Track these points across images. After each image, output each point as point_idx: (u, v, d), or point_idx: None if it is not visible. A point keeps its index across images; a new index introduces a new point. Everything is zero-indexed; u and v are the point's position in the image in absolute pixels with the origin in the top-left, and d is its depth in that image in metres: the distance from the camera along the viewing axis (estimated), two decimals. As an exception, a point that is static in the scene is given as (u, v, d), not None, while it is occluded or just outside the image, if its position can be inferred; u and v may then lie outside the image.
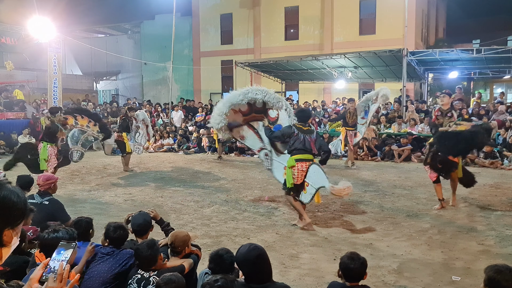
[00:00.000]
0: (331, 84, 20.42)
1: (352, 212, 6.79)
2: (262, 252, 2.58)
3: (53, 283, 1.52)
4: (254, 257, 2.52)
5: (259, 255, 2.55)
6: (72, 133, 9.10)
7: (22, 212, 1.41)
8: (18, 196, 1.39)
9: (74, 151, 9.02)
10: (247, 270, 2.54)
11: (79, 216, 3.69)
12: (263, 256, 2.57)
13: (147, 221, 3.60)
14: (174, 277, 2.63)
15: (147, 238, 3.54)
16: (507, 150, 11.32)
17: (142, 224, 3.52)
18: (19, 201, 1.39)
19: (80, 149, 9.10)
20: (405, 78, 14.62)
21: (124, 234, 3.28)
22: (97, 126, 9.41)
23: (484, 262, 4.26)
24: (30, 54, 19.50)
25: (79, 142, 9.09)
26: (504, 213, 6.59)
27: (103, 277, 3.00)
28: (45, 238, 2.82)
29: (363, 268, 2.75)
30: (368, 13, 20.17)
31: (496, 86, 22.54)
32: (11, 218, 1.38)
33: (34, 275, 1.53)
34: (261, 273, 2.54)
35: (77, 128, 9.15)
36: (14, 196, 1.38)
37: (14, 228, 1.40)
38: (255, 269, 2.51)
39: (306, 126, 5.81)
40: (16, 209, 1.38)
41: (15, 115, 15.88)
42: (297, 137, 5.70)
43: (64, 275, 1.54)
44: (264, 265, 2.56)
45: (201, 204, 7.33)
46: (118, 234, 3.22)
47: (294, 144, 5.69)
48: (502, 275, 2.40)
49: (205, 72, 23.45)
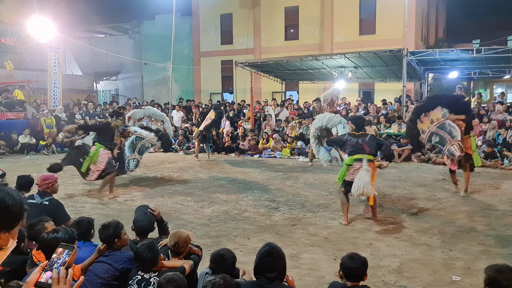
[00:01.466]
0: (331, 84, 20.32)
1: (352, 212, 6.78)
2: (273, 250, 2.68)
3: (57, 285, 1.50)
4: (263, 251, 2.67)
5: (268, 251, 2.67)
6: (131, 141, 8.57)
7: (18, 215, 1.37)
8: (13, 198, 1.35)
9: (130, 159, 8.48)
10: (255, 263, 2.68)
11: (80, 216, 3.69)
12: (273, 254, 2.66)
13: (151, 223, 3.64)
14: (176, 276, 2.63)
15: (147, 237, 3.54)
16: (507, 150, 11.31)
17: (146, 226, 3.57)
18: (14, 203, 1.35)
19: (137, 157, 8.60)
20: (405, 78, 14.62)
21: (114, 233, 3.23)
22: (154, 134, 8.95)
23: (485, 262, 4.26)
24: (30, 54, 19.50)
25: (136, 150, 8.58)
26: (504, 213, 6.58)
27: (100, 278, 2.99)
28: (45, 238, 2.81)
29: (364, 268, 2.76)
30: (368, 13, 20.18)
31: (496, 86, 22.55)
32: (7, 221, 1.35)
33: (30, 279, 1.51)
34: (268, 269, 2.61)
35: (135, 135, 8.64)
36: (9, 198, 1.34)
37: (10, 231, 1.37)
38: (262, 263, 2.63)
39: (360, 131, 6.47)
40: (12, 212, 1.35)
41: (15, 115, 15.88)
42: (350, 142, 6.34)
43: (68, 278, 1.52)
44: (273, 262, 2.64)
45: (201, 204, 7.33)
46: (107, 233, 3.20)
47: (348, 147, 6.38)
48: (503, 274, 2.40)
49: (205, 72, 23.45)
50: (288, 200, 7.58)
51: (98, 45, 24.38)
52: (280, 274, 2.66)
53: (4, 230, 1.35)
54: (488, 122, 12.63)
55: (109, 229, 3.20)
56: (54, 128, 15.51)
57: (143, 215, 3.64)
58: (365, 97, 20.12)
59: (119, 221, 3.34)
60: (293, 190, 8.42)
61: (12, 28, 18.06)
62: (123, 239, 3.24)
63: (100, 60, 25.97)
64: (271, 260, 2.65)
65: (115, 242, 3.19)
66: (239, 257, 4.09)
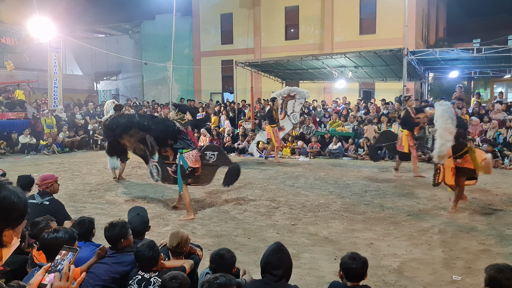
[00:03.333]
0: (331, 84, 20.42)
1: (353, 211, 6.78)
2: (282, 248, 2.72)
3: (59, 282, 1.51)
4: (272, 248, 2.72)
5: (277, 247, 2.71)
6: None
7: (23, 212, 1.39)
8: (18, 196, 1.37)
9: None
10: (263, 261, 2.72)
11: (81, 216, 3.69)
12: (282, 251, 2.69)
13: (145, 223, 3.62)
14: (180, 275, 2.64)
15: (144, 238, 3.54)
16: (507, 150, 11.31)
17: (140, 227, 3.55)
18: (19, 201, 1.37)
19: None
20: (405, 77, 14.60)
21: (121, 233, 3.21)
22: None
23: (485, 262, 4.26)
24: (31, 54, 19.53)
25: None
26: (504, 213, 6.58)
27: (101, 279, 2.98)
28: (45, 238, 2.81)
29: (364, 268, 2.76)
30: (368, 12, 20.17)
31: (496, 85, 22.51)
32: (11, 219, 1.37)
33: (34, 280, 1.52)
34: (275, 266, 2.65)
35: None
36: (14, 196, 1.36)
37: (14, 228, 1.39)
38: (270, 260, 2.67)
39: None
40: (17, 209, 1.36)
41: (15, 115, 15.88)
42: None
43: (70, 274, 1.54)
44: (281, 259, 2.67)
45: (201, 204, 7.33)
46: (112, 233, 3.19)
47: None
48: (503, 274, 2.40)
49: (206, 72, 23.45)
50: (288, 200, 7.58)
51: (99, 45, 24.37)
52: (286, 273, 2.67)
53: (9, 228, 1.37)
54: (489, 122, 12.62)
55: (116, 229, 3.18)
56: (55, 128, 15.51)
57: (136, 216, 3.63)
58: (365, 96, 20.12)
59: (125, 221, 3.34)
60: (294, 190, 8.42)
61: (12, 28, 18.08)
62: (129, 240, 3.22)
63: (101, 60, 25.97)
64: (280, 256, 2.68)
65: (120, 242, 3.17)
66: (239, 256, 4.09)
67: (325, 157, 13.21)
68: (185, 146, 6.50)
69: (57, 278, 1.52)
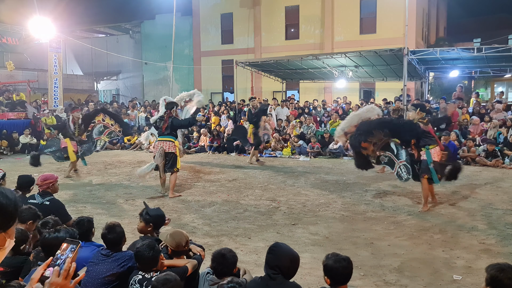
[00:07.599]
0: (331, 84, 20.40)
1: (353, 211, 6.78)
2: (274, 248, 2.70)
3: (57, 277, 1.49)
4: (272, 245, 2.74)
5: (270, 247, 2.71)
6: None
7: (12, 214, 1.33)
8: (7, 197, 1.31)
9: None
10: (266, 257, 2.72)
11: (80, 216, 3.69)
12: (273, 251, 2.68)
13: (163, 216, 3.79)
14: (170, 277, 2.61)
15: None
16: (508, 149, 11.30)
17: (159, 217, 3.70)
18: (8, 203, 1.31)
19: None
20: (405, 77, 14.58)
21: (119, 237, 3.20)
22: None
23: (486, 261, 4.26)
24: (31, 54, 19.56)
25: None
26: (505, 212, 6.58)
27: (101, 278, 2.98)
28: (46, 238, 2.81)
29: (351, 268, 2.67)
30: (369, 12, 20.16)
31: (497, 85, 22.49)
32: (1, 221, 1.31)
33: (35, 275, 1.50)
34: (268, 266, 2.64)
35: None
36: (3, 198, 1.30)
37: (6, 231, 1.33)
38: (270, 257, 2.68)
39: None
40: (6, 211, 1.31)
41: (16, 115, 15.90)
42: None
43: (70, 271, 1.51)
44: (271, 261, 2.65)
45: (202, 204, 7.33)
46: (112, 236, 3.16)
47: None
48: (504, 273, 2.39)
49: (206, 72, 23.45)
50: (288, 200, 7.58)
51: (99, 45, 24.38)
52: (283, 271, 2.62)
53: (0, 230, 1.32)
54: (489, 121, 12.62)
55: (115, 230, 3.17)
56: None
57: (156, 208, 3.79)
58: (365, 96, 20.12)
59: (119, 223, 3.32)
60: (294, 190, 8.42)
61: (13, 28, 18.09)
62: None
63: (101, 60, 25.98)
64: (270, 256, 2.68)
65: (121, 243, 3.19)
66: (240, 256, 4.09)
67: (326, 156, 13.20)
68: (430, 143, 6.90)
69: (56, 273, 1.49)
